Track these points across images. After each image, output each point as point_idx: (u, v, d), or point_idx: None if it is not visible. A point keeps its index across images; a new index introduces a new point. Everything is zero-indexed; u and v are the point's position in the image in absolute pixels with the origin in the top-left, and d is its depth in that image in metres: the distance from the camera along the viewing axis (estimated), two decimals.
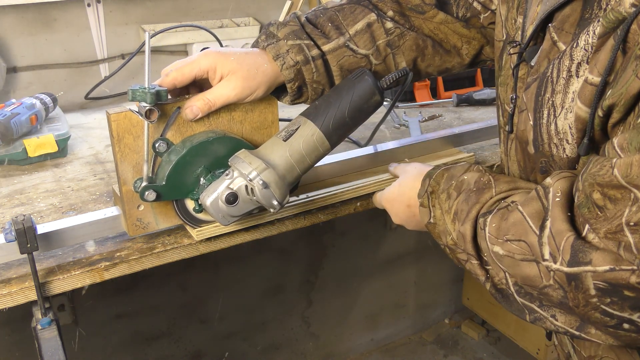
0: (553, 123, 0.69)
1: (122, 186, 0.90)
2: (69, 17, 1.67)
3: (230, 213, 0.88)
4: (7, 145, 1.29)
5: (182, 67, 0.88)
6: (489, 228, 0.71)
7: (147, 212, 0.94)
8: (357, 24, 0.95)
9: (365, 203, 1.14)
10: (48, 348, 0.86)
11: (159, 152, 0.90)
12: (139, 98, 0.83)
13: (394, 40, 0.97)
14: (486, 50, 1.03)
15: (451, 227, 0.78)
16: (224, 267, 1.96)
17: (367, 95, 0.91)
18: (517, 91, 0.80)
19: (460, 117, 1.57)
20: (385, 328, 2.48)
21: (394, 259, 2.35)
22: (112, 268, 0.94)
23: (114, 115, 0.86)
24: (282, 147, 0.88)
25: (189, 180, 0.91)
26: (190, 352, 2.04)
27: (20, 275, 0.90)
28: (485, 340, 2.52)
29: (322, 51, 0.94)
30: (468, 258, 0.76)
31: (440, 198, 0.82)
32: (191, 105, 0.88)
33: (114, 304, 1.83)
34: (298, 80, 0.93)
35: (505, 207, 0.71)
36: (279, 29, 0.93)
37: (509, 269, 0.70)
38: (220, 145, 0.91)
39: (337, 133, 0.91)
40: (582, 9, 0.67)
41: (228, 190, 0.86)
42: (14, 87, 1.67)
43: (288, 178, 0.88)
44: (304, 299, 2.22)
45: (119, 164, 0.89)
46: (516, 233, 0.67)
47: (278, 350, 2.23)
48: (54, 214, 1.09)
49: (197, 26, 1.69)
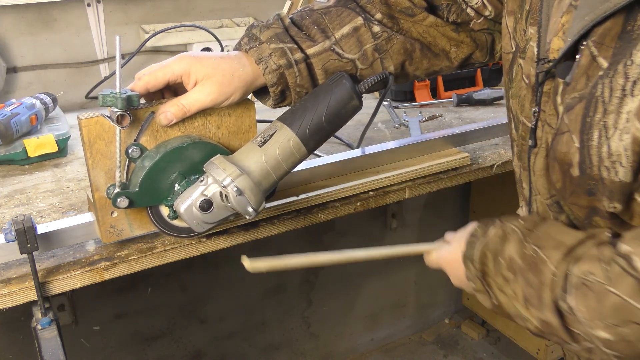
0: (605, 145, 0.64)
1: (95, 192, 0.88)
2: (69, 17, 1.67)
3: (205, 220, 0.86)
4: (7, 145, 1.29)
5: (155, 71, 0.86)
6: (578, 312, 0.66)
7: (121, 218, 0.92)
8: (343, 28, 0.93)
9: (365, 203, 1.14)
10: (48, 348, 0.86)
11: (133, 158, 0.87)
12: (109, 103, 0.80)
13: (382, 45, 0.95)
14: (476, 54, 1.02)
15: (527, 313, 0.73)
16: (224, 267, 1.96)
17: (344, 99, 0.89)
18: (542, 105, 0.77)
19: (460, 117, 1.57)
20: (385, 328, 2.48)
21: (394, 259, 2.34)
22: (112, 268, 0.94)
23: (84, 120, 0.84)
24: (258, 153, 0.86)
25: (163, 186, 0.88)
26: (190, 352, 2.04)
27: (20, 275, 0.90)
28: (485, 340, 2.52)
29: (306, 54, 0.92)
30: (563, 342, 0.71)
31: (497, 282, 0.77)
32: (165, 111, 0.86)
33: (114, 304, 1.83)
34: (281, 85, 0.91)
35: (584, 285, 0.66)
36: (262, 32, 0.91)
37: (624, 351, 0.65)
38: (195, 150, 0.89)
39: (314, 138, 0.89)
40: (624, 21, 0.63)
41: (202, 196, 0.84)
42: (14, 87, 1.67)
43: (264, 184, 0.86)
44: (304, 299, 2.22)
45: (91, 169, 0.86)
46: (624, 318, 0.63)
47: (278, 350, 2.23)
48: (54, 214, 1.09)
49: (197, 26, 1.69)
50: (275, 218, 1.06)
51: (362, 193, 1.14)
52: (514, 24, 0.82)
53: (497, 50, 1.03)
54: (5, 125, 1.25)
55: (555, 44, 0.74)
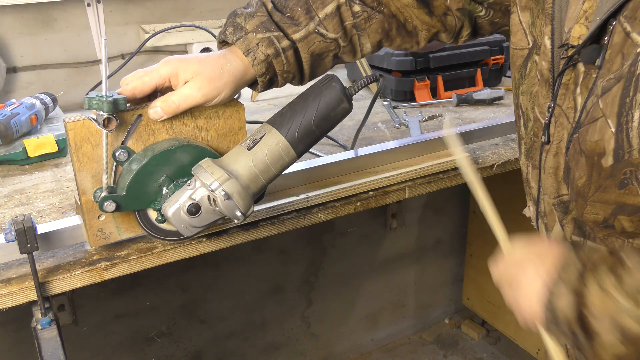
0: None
1: (82, 196, 0.87)
2: (69, 17, 1.67)
3: (193, 224, 0.85)
4: (7, 145, 1.29)
5: (142, 75, 0.85)
6: None
7: (109, 222, 0.91)
8: (326, 7, 0.93)
9: (365, 203, 1.14)
10: (48, 348, 0.86)
11: (120, 161, 0.86)
12: (95, 106, 0.80)
13: (360, 23, 0.95)
14: (442, 35, 1.02)
15: None
16: (224, 267, 1.96)
17: (334, 102, 0.88)
18: (558, 99, 0.75)
19: (460, 117, 1.57)
20: (385, 328, 2.48)
21: (394, 259, 2.35)
22: (112, 268, 0.94)
23: (70, 123, 0.83)
24: (246, 156, 0.85)
25: (151, 189, 0.87)
26: (190, 352, 2.04)
27: (20, 275, 0.90)
28: (485, 340, 2.52)
29: (292, 41, 0.91)
30: None
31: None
32: (155, 106, 0.85)
33: (114, 304, 1.83)
34: (269, 73, 0.91)
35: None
36: (247, 21, 0.90)
37: None
38: (184, 153, 0.87)
39: (304, 142, 0.88)
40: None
41: (190, 200, 0.83)
42: (14, 87, 1.67)
43: (252, 188, 0.85)
44: (304, 299, 2.22)
45: (78, 173, 0.86)
46: None
47: (278, 350, 2.23)
48: (54, 214, 1.09)
49: (197, 26, 1.69)
50: (275, 218, 1.06)
51: (362, 193, 1.14)
52: (531, 19, 0.81)
53: (463, 36, 1.02)
54: (5, 125, 1.25)
55: (577, 31, 0.71)
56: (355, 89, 0.91)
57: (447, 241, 2.47)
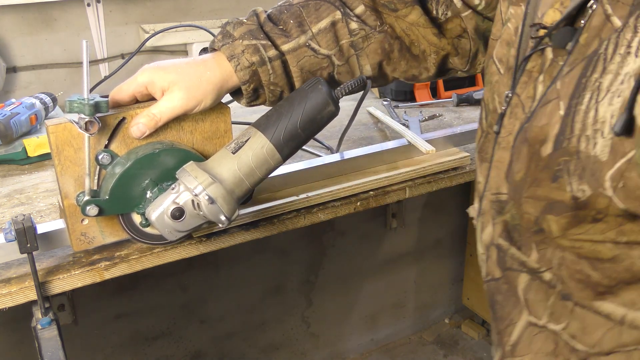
0: (593, 109, 0.55)
1: (64, 200, 0.86)
2: (69, 17, 1.67)
3: (177, 228, 0.84)
4: (6, 145, 1.29)
5: (121, 85, 0.85)
6: None
7: (92, 226, 0.90)
8: (320, 22, 0.91)
9: (365, 203, 1.14)
10: (48, 348, 0.86)
11: (103, 165, 0.85)
12: (76, 110, 0.79)
13: (358, 42, 0.92)
14: (454, 60, 0.98)
15: None
16: (224, 267, 1.96)
17: (320, 105, 0.87)
18: (518, 88, 0.68)
19: (460, 117, 1.58)
20: (385, 328, 2.48)
21: (394, 259, 2.35)
22: (112, 268, 0.94)
23: (51, 127, 0.83)
24: (231, 160, 0.84)
25: (135, 193, 0.86)
26: (190, 352, 2.04)
27: (20, 275, 0.90)
28: (485, 340, 2.51)
29: (281, 51, 0.89)
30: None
31: None
32: (137, 122, 0.85)
33: (114, 304, 1.83)
34: (254, 82, 0.89)
35: None
36: (235, 28, 0.89)
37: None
38: (168, 157, 0.87)
39: (289, 145, 0.87)
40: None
41: (174, 205, 0.82)
42: (13, 87, 1.67)
43: (237, 192, 0.85)
44: (304, 299, 2.22)
45: (60, 177, 0.85)
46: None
47: (278, 350, 2.23)
48: (54, 214, 1.09)
49: (197, 26, 1.69)
50: (275, 218, 1.06)
51: (362, 193, 1.14)
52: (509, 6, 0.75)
53: (480, 61, 0.99)
54: (5, 125, 1.25)
55: (550, 16, 0.65)
56: (342, 92, 0.90)
57: (447, 241, 2.47)
